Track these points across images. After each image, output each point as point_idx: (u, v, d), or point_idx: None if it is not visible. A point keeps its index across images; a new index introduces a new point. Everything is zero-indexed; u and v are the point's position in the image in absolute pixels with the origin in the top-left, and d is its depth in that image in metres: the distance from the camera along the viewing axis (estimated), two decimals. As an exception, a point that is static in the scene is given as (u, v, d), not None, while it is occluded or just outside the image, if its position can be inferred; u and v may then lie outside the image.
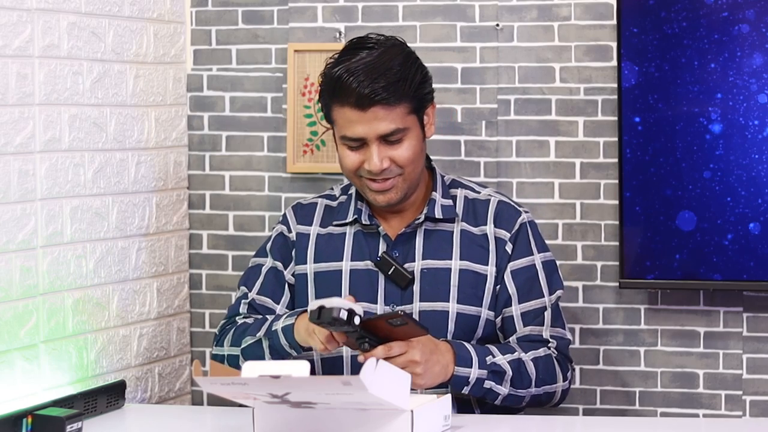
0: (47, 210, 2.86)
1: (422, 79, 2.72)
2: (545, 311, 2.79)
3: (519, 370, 2.69)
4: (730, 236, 3.10)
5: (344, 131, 2.69)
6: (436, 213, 2.78)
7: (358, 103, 2.64)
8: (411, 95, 2.69)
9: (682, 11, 3.09)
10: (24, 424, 2.52)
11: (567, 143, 3.27)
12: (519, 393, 2.70)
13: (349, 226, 2.82)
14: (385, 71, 2.65)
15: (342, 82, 2.65)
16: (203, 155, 3.44)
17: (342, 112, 2.68)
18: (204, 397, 3.40)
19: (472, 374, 2.64)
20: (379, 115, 2.65)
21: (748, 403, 3.22)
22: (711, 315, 3.23)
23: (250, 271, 2.88)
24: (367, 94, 2.63)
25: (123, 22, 3.12)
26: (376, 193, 2.73)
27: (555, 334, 2.80)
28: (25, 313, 2.79)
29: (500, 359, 2.68)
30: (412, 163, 2.71)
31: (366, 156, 2.69)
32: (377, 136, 2.67)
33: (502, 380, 2.67)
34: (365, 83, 2.63)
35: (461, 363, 2.63)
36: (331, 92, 2.69)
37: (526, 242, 2.80)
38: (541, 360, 2.73)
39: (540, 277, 2.80)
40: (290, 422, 2.39)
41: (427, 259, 2.77)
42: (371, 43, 2.70)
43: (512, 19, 3.27)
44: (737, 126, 3.08)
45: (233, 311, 2.86)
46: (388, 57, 2.67)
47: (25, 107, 2.80)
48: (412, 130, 2.71)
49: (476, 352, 2.66)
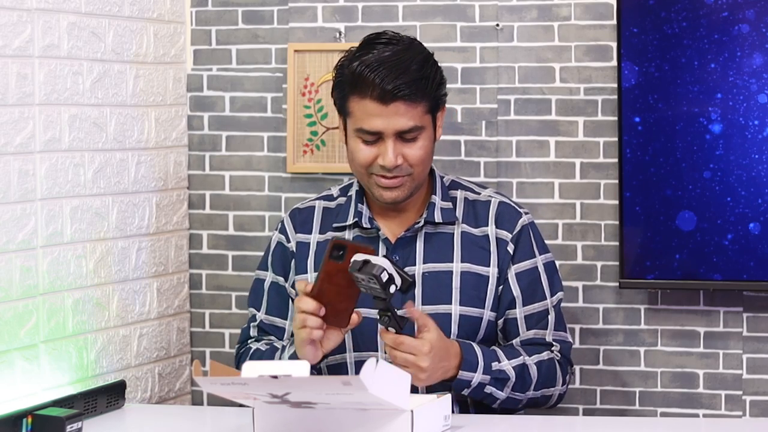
0: (47, 210, 2.86)
1: (440, 81, 2.73)
2: (548, 315, 2.79)
3: (522, 375, 2.69)
4: (730, 236, 3.10)
5: (362, 123, 2.68)
6: (436, 217, 2.77)
7: (381, 97, 2.64)
8: (431, 95, 2.69)
9: (682, 11, 3.09)
10: (24, 424, 2.52)
11: (567, 143, 3.27)
12: (517, 396, 2.70)
13: (348, 229, 2.81)
14: (406, 68, 2.65)
15: (365, 74, 2.64)
16: (203, 155, 3.44)
17: (362, 104, 2.67)
18: (204, 397, 3.40)
19: (475, 379, 2.64)
20: (400, 111, 2.65)
21: (748, 403, 3.22)
22: (711, 315, 3.23)
23: (255, 288, 2.88)
24: (391, 90, 2.63)
25: (123, 22, 3.12)
26: (384, 190, 2.72)
27: (558, 337, 2.80)
28: (25, 313, 2.79)
29: (506, 365, 2.67)
30: (422, 163, 2.71)
31: (380, 151, 2.68)
32: (395, 131, 2.67)
33: (504, 386, 2.67)
34: (389, 78, 2.63)
35: (466, 367, 2.63)
36: (351, 84, 2.67)
37: (528, 244, 2.79)
38: (545, 364, 2.73)
39: (542, 279, 2.80)
40: (290, 422, 2.39)
41: (429, 263, 2.76)
42: (390, 39, 2.71)
43: (512, 19, 3.27)
44: (737, 126, 3.08)
45: (245, 334, 2.87)
46: (409, 55, 2.68)
47: (25, 107, 2.80)
48: (427, 130, 2.71)
49: (483, 356, 2.66)
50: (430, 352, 2.52)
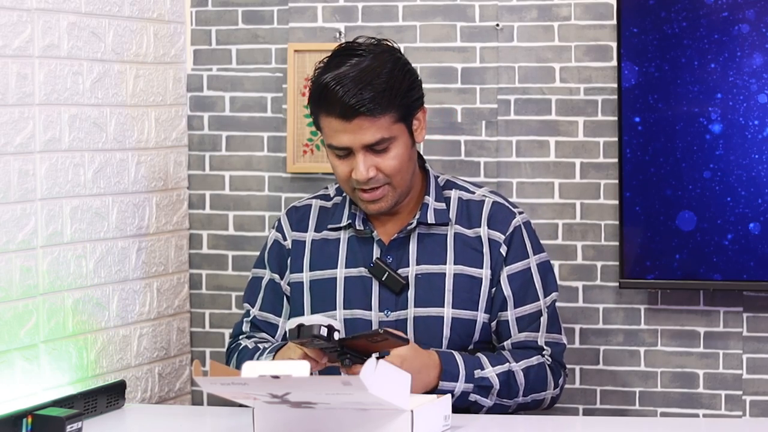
0: (47, 210, 2.86)
1: (410, 86, 2.69)
2: (541, 317, 2.77)
3: (507, 383, 2.67)
4: (730, 236, 3.10)
5: (330, 140, 2.68)
6: (429, 218, 2.76)
7: (342, 113, 2.62)
8: (397, 104, 2.66)
9: (682, 11, 3.09)
10: (24, 424, 2.52)
11: (567, 143, 3.27)
12: (505, 403, 2.69)
13: (343, 230, 2.80)
14: (371, 80, 2.62)
15: (328, 90, 2.63)
16: (203, 155, 3.44)
17: (328, 121, 2.66)
18: (204, 397, 3.40)
19: (458, 388, 2.63)
20: (364, 126, 2.63)
21: (748, 403, 3.22)
22: (711, 315, 3.23)
23: (251, 284, 2.88)
24: (352, 105, 2.61)
25: (123, 22, 3.12)
26: (366, 203, 2.71)
27: (550, 340, 2.78)
28: (25, 313, 2.79)
29: (489, 372, 2.66)
30: (399, 172, 2.69)
31: (353, 165, 2.67)
32: (362, 145, 2.65)
33: (488, 394, 2.66)
34: (351, 93, 2.61)
35: (447, 378, 2.62)
36: (317, 100, 2.67)
37: (521, 245, 2.78)
38: (533, 369, 2.72)
39: (535, 279, 2.78)
40: (290, 422, 2.39)
41: (421, 264, 2.75)
42: (361, 49, 2.68)
43: (512, 19, 3.27)
44: (737, 126, 3.08)
45: (237, 330, 2.87)
46: (376, 64, 2.65)
47: (25, 107, 2.80)
48: (399, 138, 2.68)
49: (465, 365, 2.64)
50: (401, 366, 2.46)
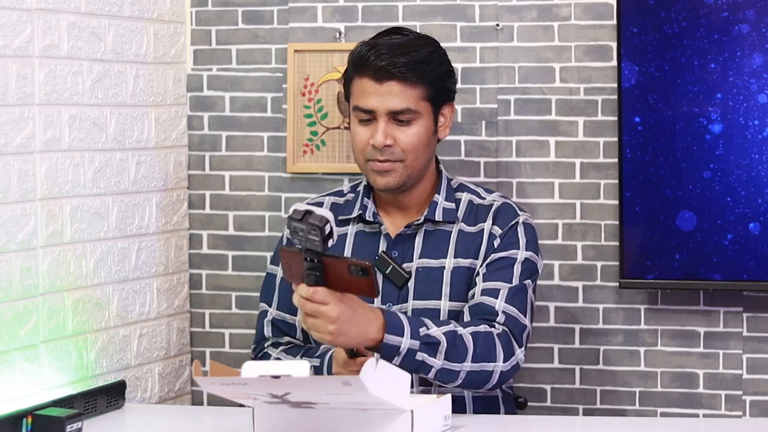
0: (47, 210, 2.86)
1: (446, 72, 2.78)
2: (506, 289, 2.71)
3: (454, 343, 2.59)
4: (730, 236, 3.10)
5: (357, 101, 2.74)
6: (437, 216, 2.79)
7: (375, 75, 2.71)
8: (430, 80, 2.73)
9: (682, 11, 3.09)
10: (24, 424, 2.52)
11: (567, 143, 3.27)
12: (453, 367, 2.59)
13: (352, 224, 2.83)
14: (409, 52, 2.72)
15: (365, 54, 2.72)
16: (203, 155, 3.44)
17: (360, 82, 2.74)
18: (204, 397, 3.40)
19: (404, 344, 2.53)
20: (394, 91, 2.70)
21: (748, 403, 3.22)
22: (711, 315, 3.23)
23: (266, 283, 2.90)
24: (384, 66, 2.69)
25: (123, 22, 3.12)
26: (376, 175, 2.74)
27: (509, 311, 2.69)
28: (25, 313, 2.79)
29: (434, 330, 2.58)
30: (414, 151, 2.73)
31: (373, 132, 2.72)
32: (387, 111, 2.71)
33: (435, 352, 2.57)
34: (386, 56, 2.70)
35: (392, 331, 2.52)
36: (353, 65, 2.75)
37: (514, 237, 2.77)
38: (480, 335, 2.63)
39: (515, 267, 2.74)
40: (290, 422, 2.39)
41: (423, 258, 2.78)
42: (406, 31, 2.80)
43: (512, 19, 3.27)
44: (737, 126, 3.08)
45: (260, 334, 2.87)
46: (418, 42, 2.75)
47: (25, 107, 2.80)
48: (424, 117, 2.74)
49: (409, 322, 2.56)
50: (341, 302, 2.40)
